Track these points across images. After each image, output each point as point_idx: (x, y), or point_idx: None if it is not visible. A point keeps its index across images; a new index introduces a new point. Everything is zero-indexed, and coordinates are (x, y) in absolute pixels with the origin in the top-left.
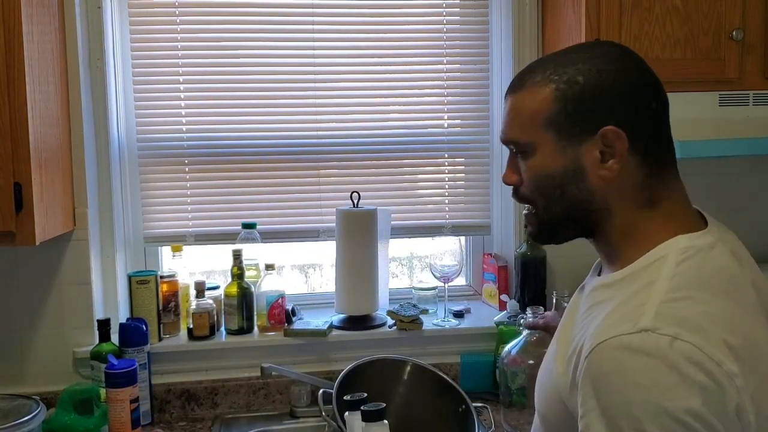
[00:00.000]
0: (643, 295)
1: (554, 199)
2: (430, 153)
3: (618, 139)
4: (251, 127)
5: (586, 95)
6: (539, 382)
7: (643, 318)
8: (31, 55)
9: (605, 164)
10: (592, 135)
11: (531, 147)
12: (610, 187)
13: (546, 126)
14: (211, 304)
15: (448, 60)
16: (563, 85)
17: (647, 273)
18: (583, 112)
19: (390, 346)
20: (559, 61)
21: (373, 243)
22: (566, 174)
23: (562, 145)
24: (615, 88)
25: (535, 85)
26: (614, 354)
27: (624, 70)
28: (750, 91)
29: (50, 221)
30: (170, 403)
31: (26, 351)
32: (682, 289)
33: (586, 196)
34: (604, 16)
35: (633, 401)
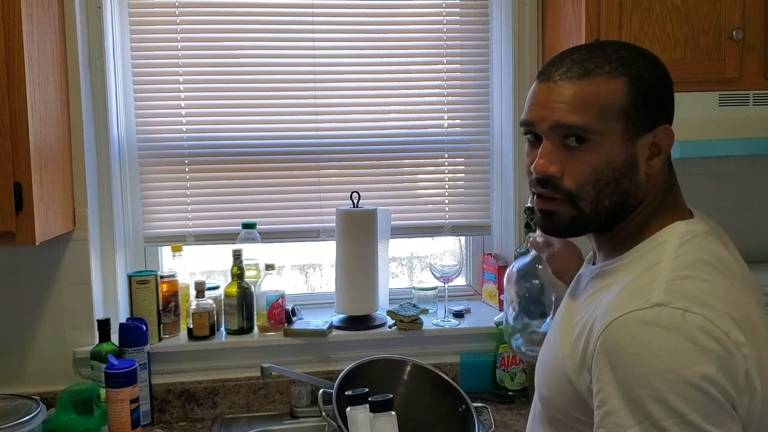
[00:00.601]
0: (650, 275)
1: (607, 192)
2: (430, 153)
3: (668, 137)
4: (251, 127)
5: (652, 91)
6: (540, 368)
7: (654, 294)
8: (31, 55)
9: (651, 161)
10: (647, 131)
11: (599, 136)
12: (650, 184)
13: (618, 116)
14: (211, 304)
15: (448, 60)
16: (634, 79)
17: (651, 256)
18: (648, 107)
19: (390, 346)
20: (618, 55)
21: (373, 243)
22: (626, 167)
23: (627, 138)
24: (668, 88)
25: (605, 75)
26: (629, 328)
27: (667, 73)
28: (750, 91)
29: (50, 221)
30: (170, 403)
31: (26, 351)
32: (685, 268)
33: (635, 190)
34: (604, 17)
35: (651, 371)
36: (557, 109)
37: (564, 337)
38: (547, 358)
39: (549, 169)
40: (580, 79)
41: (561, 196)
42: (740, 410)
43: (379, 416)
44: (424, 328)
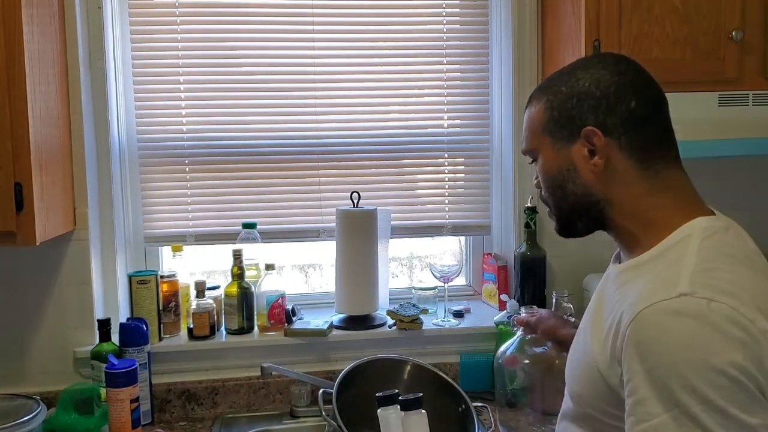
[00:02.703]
0: (675, 268)
1: (559, 196)
2: (430, 153)
3: (594, 136)
4: (251, 127)
5: (567, 102)
6: (570, 366)
7: (679, 285)
8: (32, 55)
9: (592, 160)
10: (577, 136)
11: (536, 153)
12: (603, 180)
13: (543, 133)
14: (212, 304)
15: (448, 60)
16: (551, 96)
17: (675, 251)
18: (566, 116)
19: (390, 346)
20: (553, 77)
21: (373, 243)
22: (562, 173)
23: (557, 148)
24: (590, 91)
25: (535, 101)
26: (656, 318)
27: (598, 75)
28: (749, 92)
29: (51, 221)
30: (170, 403)
31: (26, 351)
32: (710, 260)
33: (584, 190)
34: (603, 17)
35: (679, 360)
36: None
37: (594, 334)
38: (578, 355)
39: (535, 184)
40: (526, 110)
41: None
42: None
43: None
44: (424, 328)
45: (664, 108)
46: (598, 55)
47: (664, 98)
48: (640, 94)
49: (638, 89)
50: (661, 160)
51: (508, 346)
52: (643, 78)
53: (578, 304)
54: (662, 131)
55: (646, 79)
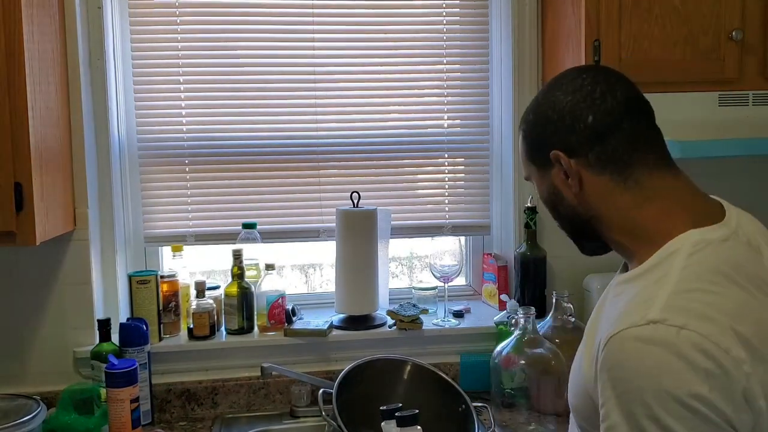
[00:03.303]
0: (654, 289)
1: (555, 216)
2: (430, 153)
3: (561, 159)
4: (251, 127)
5: (535, 128)
6: (570, 378)
7: (651, 310)
8: (32, 55)
9: (570, 181)
10: (549, 161)
11: (531, 179)
12: (584, 199)
13: (528, 161)
14: (212, 304)
15: (448, 60)
16: (524, 125)
17: (661, 267)
18: (538, 143)
19: (390, 346)
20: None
21: (373, 243)
22: (550, 197)
23: (541, 174)
24: (548, 115)
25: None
26: (625, 345)
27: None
28: (749, 92)
29: (51, 221)
30: (170, 403)
31: (27, 351)
32: (692, 280)
33: (572, 211)
34: (603, 17)
35: (644, 388)
36: None
37: (587, 347)
38: (575, 368)
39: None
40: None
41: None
42: (741, 428)
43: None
44: (424, 328)
45: (633, 113)
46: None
47: (633, 102)
48: (596, 107)
49: (594, 103)
50: (639, 167)
51: (504, 347)
52: (602, 88)
53: (578, 304)
54: (634, 137)
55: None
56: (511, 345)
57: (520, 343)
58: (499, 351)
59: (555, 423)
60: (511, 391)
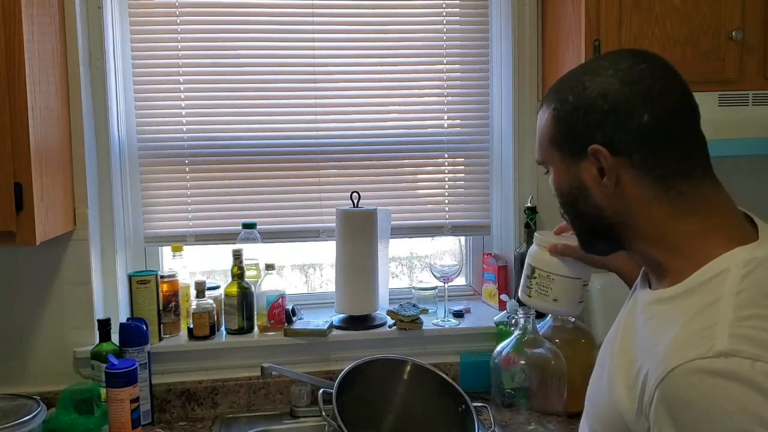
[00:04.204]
0: (710, 314)
1: (572, 213)
2: (430, 153)
3: (603, 157)
4: (251, 127)
5: (573, 114)
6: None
7: (717, 340)
8: (32, 55)
9: (602, 181)
10: (585, 153)
11: (546, 165)
12: (615, 202)
13: (551, 145)
14: (212, 304)
15: (448, 60)
16: (558, 104)
17: (709, 289)
18: (573, 131)
19: (390, 346)
20: (563, 81)
21: (373, 243)
22: (572, 192)
23: (566, 164)
24: (596, 105)
25: (545, 105)
26: (693, 379)
27: (606, 85)
28: (749, 92)
29: (51, 221)
30: (170, 403)
31: (27, 351)
32: (750, 306)
33: (596, 211)
34: (603, 17)
35: (720, 428)
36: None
37: (621, 375)
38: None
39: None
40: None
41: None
42: None
43: None
44: (424, 328)
45: (687, 115)
46: (612, 56)
47: (688, 104)
48: (654, 105)
49: (653, 99)
50: (685, 177)
51: (504, 347)
52: (662, 84)
53: None
54: (685, 144)
55: (666, 85)
56: (511, 345)
57: (520, 343)
58: (499, 351)
59: (555, 423)
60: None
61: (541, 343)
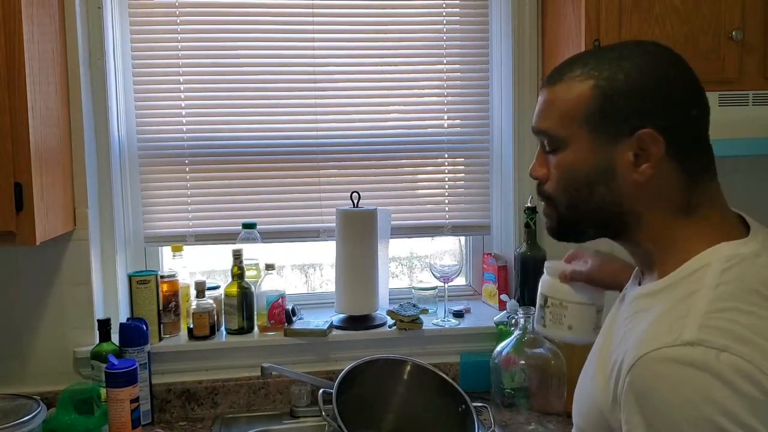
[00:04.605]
0: (686, 305)
1: (581, 198)
2: (430, 153)
3: (654, 142)
4: (251, 127)
5: (626, 94)
6: (577, 396)
7: (686, 330)
8: (32, 55)
9: (638, 168)
10: (627, 136)
11: (564, 141)
12: (642, 191)
13: (582, 122)
14: (212, 304)
15: (448, 60)
16: (603, 81)
17: (689, 282)
18: (621, 111)
19: (390, 346)
20: (601, 57)
21: (373, 243)
22: (596, 173)
23: (596, 144)
24: (656, 89)
25: (574, 80)
26: (659, 367)
27: (666, 72)
28: (750, 92)
29: (50, 221)
30: (170, 403)
31: (27, 351)
32: (727, 299)
33: (615, 198)
34: (603, 17)
35: (683, 417)
36: (537, 114)
37: (600, 367)
38: (585, 388)
39: (536, 172)
40: (553, 85)
41: (545, 199)
42: None
43: None
44: (424, 328)
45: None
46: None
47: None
48: (700, 101)
49: (700, 96)
50: (705, 175)
51: (504, 347)
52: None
53: None
54: (706, 140)
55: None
56: (511, 345)
57: (520, 343)
58: (499, 351)
59: (555, 423)
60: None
61: (541, 343)
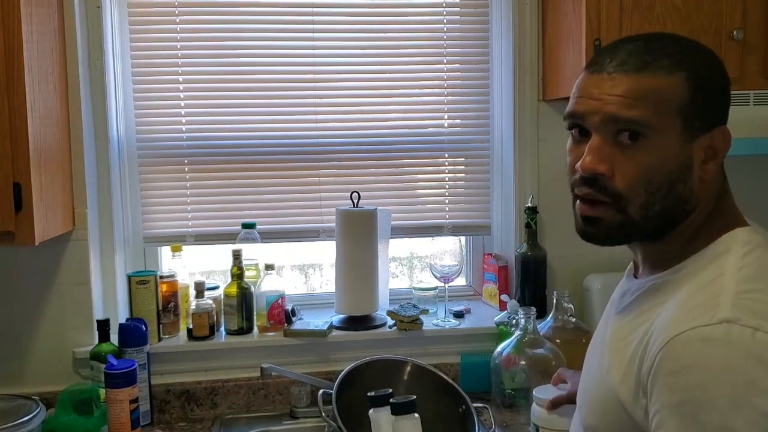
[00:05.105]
0: (714, 287)
1: (659, 196)
2: (430, 153)
3: (725, 140)
4: (251, 127)
5: (711, 89)
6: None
7: (720, 309)
8: (31, 55)
9: (706, 164)
10: (705, 132)
11: (656, 133)
12: (703, 188)
13: (677, 113)
14: (211, 305)
15: (448, 60)
16: (694, 75)
17: (712, 267)
18: (706, 106)
19: (390, 346)
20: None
21: (373, 243)
22: (681, 169)
23: (684, 138)
24: (725, 87)
25: (664, 69)
26: (693, 346)
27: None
28: (750, 91)
29: (50, 221)
30: (170, 404)
31: (26, 351)
32: (752, 280)
33: (689, 195)
34: (604, 16)
35: (718, 395)
36: (612, 101)
37: (615, 360)
38: (593, 383)
39: (599, 167)
40: (638, 73)
41: (608, 198)
42: None
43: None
44: (424, 328)
45: None
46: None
47: None
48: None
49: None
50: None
51: (505, 347)
52: None
53: (579, 304)
54: None
55: None
56: (512, 345)
57: (520, 343)
58: (500, 351)
59: None
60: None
61: (542, 344)
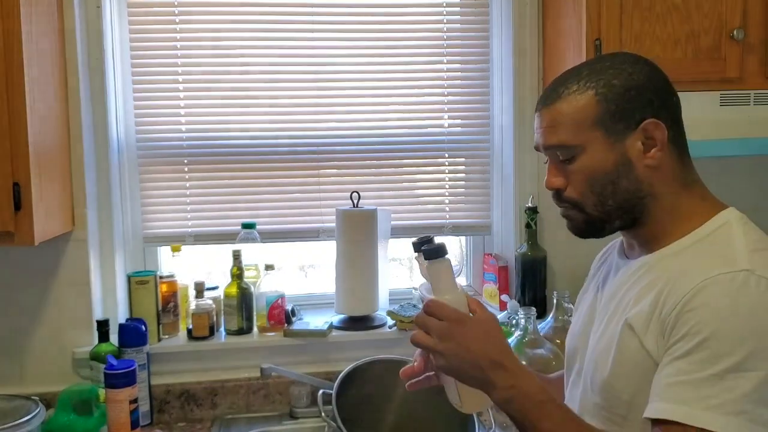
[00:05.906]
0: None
1: (606, 194)
2: (430, 153)
3: (657, 129)
4: (251, 126)
5: (625, 94)
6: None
7: (739, 261)
8: (30, 55)
9: (648, 153)
10: (633, 129)
11: (580, 149)
12: (655, 174)
13: (594, 127)
14: (211, 305)
15: (448, 60)
16: (602, 89)
17: (718, 235)
18: (625, 109)
19: (390, 346)
20: (589, 71)
21: (373, 243)
22: (617, 168)
23: (610, 142)
24: (646, 85)
25: (573, 94)
26: (722, 287)
27: (647, 70)
28: (751, 91)
29: (49, 221)
30: (169, 404)
31: (25, 351)
32: (759, 243)
33: (636, 185)
34: (604, 16)
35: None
36: (543, 133)
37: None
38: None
39: (554, 183)
40: (554, 103)
41: (569, 204)
42: None
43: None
44: None
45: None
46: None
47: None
48: (674, 89)
49: (671, 86)
50: (687, 152)
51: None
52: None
53: None
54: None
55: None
56: (512, 346)
57: (520, 343)
58: None
59: None
60: None
61: (542, 344)
